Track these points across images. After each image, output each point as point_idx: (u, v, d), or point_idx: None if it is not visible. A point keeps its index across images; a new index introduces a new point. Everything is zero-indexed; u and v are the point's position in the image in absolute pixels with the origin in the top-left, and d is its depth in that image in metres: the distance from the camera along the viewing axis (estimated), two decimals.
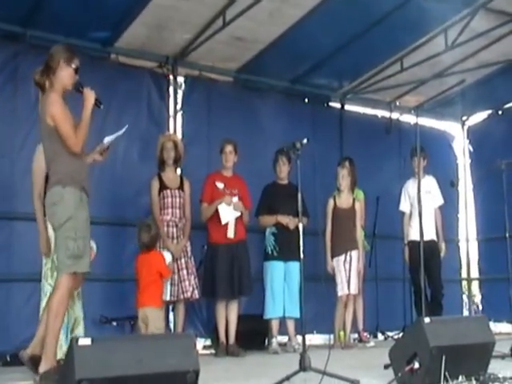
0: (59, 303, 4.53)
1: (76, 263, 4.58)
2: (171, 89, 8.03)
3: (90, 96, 4.71)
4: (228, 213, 6.76)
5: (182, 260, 6.74)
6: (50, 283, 5.20)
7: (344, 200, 7.63)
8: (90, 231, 4.74)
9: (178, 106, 8.05)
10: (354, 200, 7.68)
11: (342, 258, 7.40)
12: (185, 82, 8.14)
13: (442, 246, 7.96)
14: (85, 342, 2.87)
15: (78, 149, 4.60)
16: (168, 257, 6.33)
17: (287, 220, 7.10)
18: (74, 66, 4.73)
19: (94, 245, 5.38)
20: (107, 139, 5.01)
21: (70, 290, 4.63)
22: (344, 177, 7.60)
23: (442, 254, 7.88)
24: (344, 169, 7.66)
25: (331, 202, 7.61)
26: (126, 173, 7.37)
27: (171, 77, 8.01)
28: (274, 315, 7.18)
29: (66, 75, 4.70)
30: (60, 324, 4.54)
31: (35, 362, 4.62)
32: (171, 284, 6.58)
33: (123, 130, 5.04)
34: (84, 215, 4.68)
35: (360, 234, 8.02)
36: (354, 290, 7.40)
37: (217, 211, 6.86)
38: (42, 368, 4.42)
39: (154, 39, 7.46)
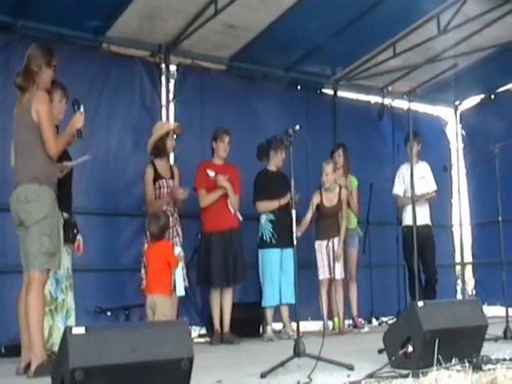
0: (37, 299, 4.57)
1: (50, 260, 4.64)
2: (164, 78, 8.01)
3: (78, 121, 4.79)
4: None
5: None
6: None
7: (329, 197, 7.52)
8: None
9: (171, 95, 8.03)
10: (339, 194, 7.53)
11: (325, 243, 7.39)
12: (177, 70, 8.12)
13: None
14: (78, 330, 2.88)
15: (55, 153, 4.68)
16: (178, 249, 6.33)
17: (288, 198, 7.01)
18: (53, 66, 4.85)
19: (80, 237, 5.40)
20: (69, 163, 5.22)
21: (44, 284, 4.67)
22: (329, 174, 7.45)
23: None
24: (329, 165, 7.50)
25: (315, 200, 7.46)
26: (118, 162, 7.37)
27: (163, 66, 7.99)
28: (271, 303, 7.20)
29: (47, 77, 4.85)
30: (42, 319, 4.58)
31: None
32: None
33: (85, 158, 5.26)
34: (58, 215, 4.76)
35: (353, 220, 8.06)
36: (338, 274, 7.38)
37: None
38: (34, 364, 4.45)
39: (145, 28, 7.44)
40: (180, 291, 6.35)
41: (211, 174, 6.97)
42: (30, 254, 4.63)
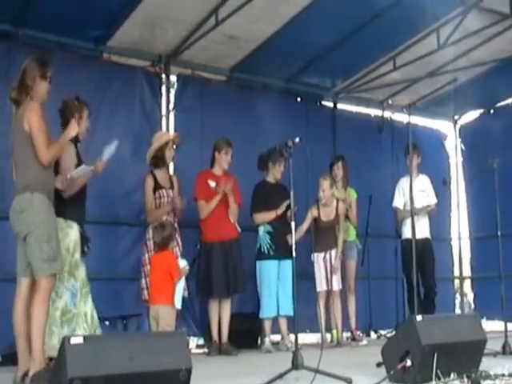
0: (42, 307, 4.59)
1: (52, 265, 4.66)
2: (164, 88, 8.02)
3: (73, 128, 4.87)
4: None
5: (178, 259, 6.75)
6: (67, 286, 5.32)
7: (327, 212, 7.45)
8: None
9: (171, 105, 8.05)
10: (337, 208, 7.47)
11: (322, 255, 7.35)
12: (177, 80, 8.15)
13: None
14: (77, 340, 2.87)
15: (46, 161, 4.69)
16: (183, 263, 6.31)
17: (284, 208, 7.03)
18: (48, 78, 4.86)
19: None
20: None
21: (50, 291, 4.68)
22: (325, 190, 7.39)
23: None
24: (326, 180, 7.43)
25: (313, 213, 7.40)
26: (118, 171, 7.34)
27: (164, 76, 8.00)
28: (269, 314, 7.18)
29: (42, 89, 4.86)
30: (44, 326, 4.59)
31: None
32: None
33: (91, 167, 5.30)
34: (54, 220, 4.76)
35: (352, 232, 8.04)
36: (336, 286, 7.32)
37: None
38: (32, 371, 4.44)
39: (146, 38, 7.46)
40: (177, 304, 6.28)
41: (212, 184, 6.97)
42: (33, 263, 4.65)
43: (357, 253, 8.19)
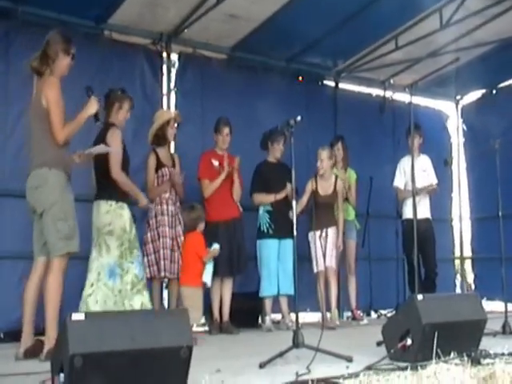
0: (56, 286, 4.61)
1: (68, 244, 4.67)
2: (165, 66, 7.99)
3: (92, 106, 4.89)
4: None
5: (181, 237, 6.77)
6: (131, 260, 5.65)
7: (324, 186, 7.41)
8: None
9: (172, 84, 8.01)
10: (335, 184, 7.43)
11: (318, 233, 7.30)
12: (178, 59, 8.10)
13: None
14: (78, 317, 2.87)
15: (61, 139, 4.68)
16: (215, 245, 6.43)
17: (284, 194, 7.07)
18: (71, 53, 4.82)
19: None
20: (90, 150, 5.23)
21: (64, 270, 4.69)
22: (324, 160, 7.33)
23: None
24: (324, 151, 7.38)
25: (310, 186, 7.36)
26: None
27: (165, 54, 7.96)
28: (269, 293, 7.20)
29: (64, 64, 4.90)
30: (58, 304, 4.61)
31: (32, 352, 4.67)
32: (171, 261, 6.59)
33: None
34: (70, 198, 4.76)
35: (351, 212, 8.04)
36: (329, 262, 7.26)
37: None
38: (46, 347, 4.48)
39: (147, 16, 7.40)
40: (207, 282, 6.42)
41: (215, 163, 6.97)
42: (49, 241, 4.66)
43: (356, 233, 8.20)
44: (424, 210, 7.68)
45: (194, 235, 6.30)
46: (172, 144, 7.33)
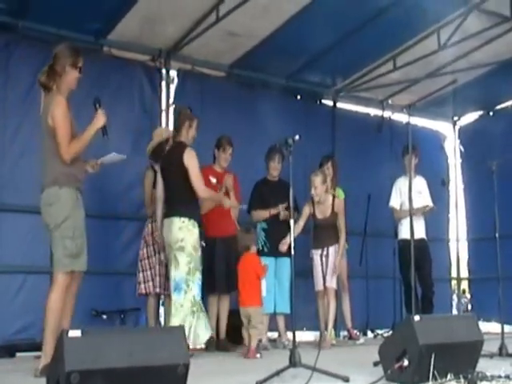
0: (57, 302, 4.58)
1: (74, 262, 4.65)
2: (163, 82, 8.01)
3: (100, 119, 4.84)
4: None
5: None
6: (194, 280, 5.84)
7: (322, 209, 7.28)
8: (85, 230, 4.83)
9: (171, 100, 8.03)
10: (333, 205, 7.29)
11: (319, 251, 7.24)
12: (177, 75, 8.13)
13: None
14: (75, 333, 2.85)
15: (67, 158, 4.66)
16: (264, 261, 6.55)
17: (279, 209, 7.06)
18: (78, 67, 4.81)
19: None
20: (105, 158, 5.13)
21: (67, 288, 4.67)
22: (318, 187, 7.18)
23: None
24: (317, 177, 7.23)
25: (307, 210, 7.26)
26: (117, 166, 7.31)
27: (164, 70, 7.99)
28: (266, 311, 7.16)
29: (72, 78, 4.85)
30: (57, 321, 4.57)
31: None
32: (166, 278, 6.58)
33: (122, 156, 5.26)
34: (81, 214, 4.77)
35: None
36: (329, 282, 7.16)
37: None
38: (42, 363, 4.44)
39: (147, 32, 7.43)
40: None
41: (213, 180, 6.96)
42: (55, 257, 4.65)
43: (346, 251, 8.14)
44: (419, 231, 7.65)
45: (251, 256, 6.42)
46: None
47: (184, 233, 5.84)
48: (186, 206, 5.95)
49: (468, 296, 10.76)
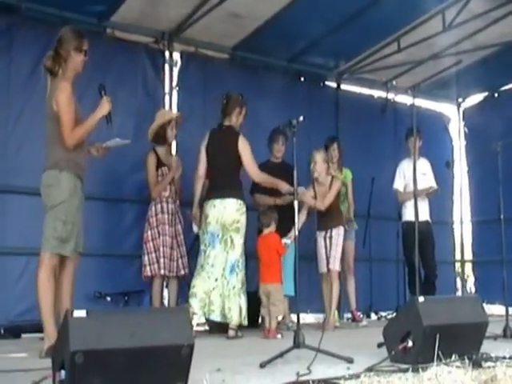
0: (46, 282, 4.59)
1: (61, 246, 4.66)
2: (167, 65, 7.97)
3: (105, 106, 4.84)
4: None
5: (182, 236, 6.78)
6: (243, 260, 6.24)
7: (322, 191, 7.16)
8: (80, 218, 4.83)
9: (174, 82, 8.00)
10: (331, 186, 7.22)
11: (323, 233, 7.18)
12: (181, 58, 8.10)
13: None
14: (80, 314, 2.86)
15: (70, 144, 4.67)
16: (286, 240, 6.57)
17: (284, 201, 7.01)
18: (83, 50, 4.79)
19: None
20: (109, 142, 5.12)
21: (55, 267, 4.67)
22: (318, 162, 7.14)
23: None
24: (319, 153, 7.21)
25: (309, 193, 7.04)
26: (121, 148, 7.32)
27: (167, 52, 7.95)
28: None
29: (77, 62, 4.84)
30: (49, 301, 4.59)
31: None
32: (170, 259, 6.60)
33: (126, 141, 5.21)
34: (76, 201, 4.78)
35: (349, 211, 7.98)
36: (332, 265, 7.11)
37: None
38: (46, 345, 4.46)
39: (150, 14, 7.39)
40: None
41: None
42: (44, 235, 4.66)
43: (354, 234, 8.17)
44: (423, 213, 7.62)
45: (272, 235, 6.53)
46: (174, 144, 7.32)
47: (240, 215, 6.19)
48: (240, 190, 6.34)
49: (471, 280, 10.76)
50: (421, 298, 4.13)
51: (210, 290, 6.07)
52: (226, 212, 6.14)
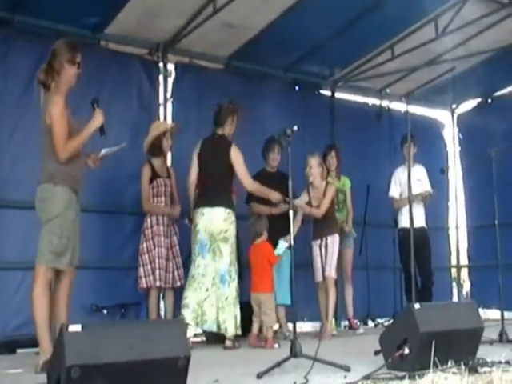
0: (41, 296, 4.58)
1: (56, 259, 4.65)
2: (161, 76, 7.99)
3: (98, 118, 4.84)
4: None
5: (177, 247, 6.79)
6: (235, 270, 6.22)
7: (317, 196, 7.21)
8: (76, 232, 4.82)
9: (169, 94, 8.02)
10: (325, 192, 7.20)
11: (318, 242, 7.19)
12: (175, 69, 8.11)
13: None
14: (75, 328, 2.86)
15: (63, 158, 4.67)
16: (282, 244, 6.48)
17: (279, 211, 7.02)
18: (77, 63, 4.80)
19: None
20: (104, 151, 5.11)
21: (50, 281, 4.67)
22: (313, 167, 7.17)
23: None
24: (314, 158, 7.23)
25: (303, 199, 7.21)
26: (116, 159, 7.31)
27: (161, 64, 7.97)
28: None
29: (70, 75, 4.83)
30: (44, 315, 4.58)
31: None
32: (166, 271, 6.61)
33: (121, 145, 5.20)
34: (72, 215, 4.76)
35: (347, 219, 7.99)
36: (328, 272, 7.10)
37: None
38: (41, 360, 4.45)
39: (144, 26, 7.41)
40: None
41: None
42: (39, 249, 4.65)
43: (353, 241, 8.19)
44: (419, 219, 7.64)
45: (264, 244, 6.53)
46: (169, 155, 7.34)
47: (228, 224, 6.17)
48: (230, 199, 6.33)
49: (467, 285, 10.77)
50: (417, 305, 4.15)
51: (201, 300, 6.05)
52: (214, 221, 6.13)
